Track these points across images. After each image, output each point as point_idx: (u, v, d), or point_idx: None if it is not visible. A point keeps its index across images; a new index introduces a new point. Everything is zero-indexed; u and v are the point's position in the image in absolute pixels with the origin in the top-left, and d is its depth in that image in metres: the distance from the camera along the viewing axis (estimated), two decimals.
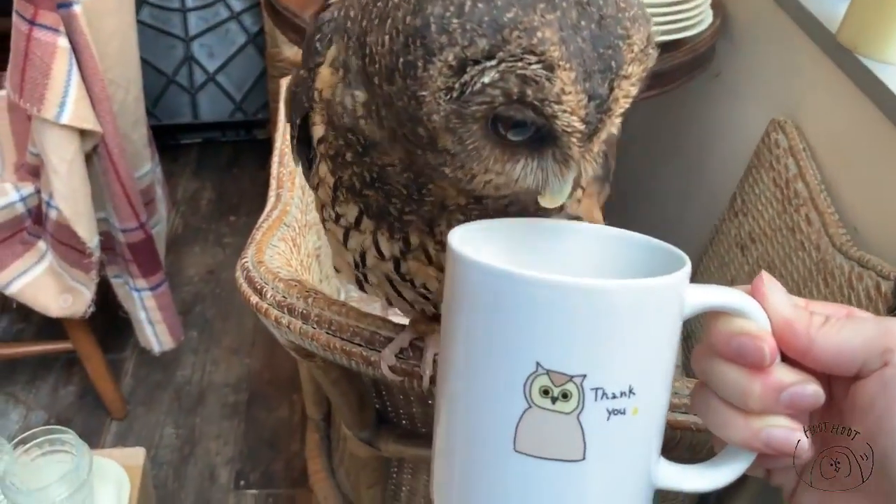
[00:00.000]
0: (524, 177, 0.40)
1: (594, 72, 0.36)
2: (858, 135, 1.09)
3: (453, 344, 0.38)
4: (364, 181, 0.47)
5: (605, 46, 0.36)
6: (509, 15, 0.35)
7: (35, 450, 1.01)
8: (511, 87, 0.36)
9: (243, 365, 1.89)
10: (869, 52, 1.04)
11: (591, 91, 0.36)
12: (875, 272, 0.93)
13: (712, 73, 1.42)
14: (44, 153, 1.29)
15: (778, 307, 0.36)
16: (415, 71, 0.37)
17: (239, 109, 2.64)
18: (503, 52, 0.35)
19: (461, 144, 0.39)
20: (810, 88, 1.20)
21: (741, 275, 1.23)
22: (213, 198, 2.48)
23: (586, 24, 0.36)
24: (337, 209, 0.50)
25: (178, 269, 2.16)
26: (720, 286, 0.38)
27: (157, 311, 1.58)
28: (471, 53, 0.36)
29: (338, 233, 0.52)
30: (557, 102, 0.36)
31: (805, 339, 0.35)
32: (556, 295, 0.34)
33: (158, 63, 2.48)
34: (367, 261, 0.51)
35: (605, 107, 0.37)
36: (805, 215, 1.09)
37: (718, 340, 0.36)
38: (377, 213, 0.48)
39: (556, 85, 0.35)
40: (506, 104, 0.37)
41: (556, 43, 0.35)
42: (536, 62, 0.35)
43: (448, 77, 0.37)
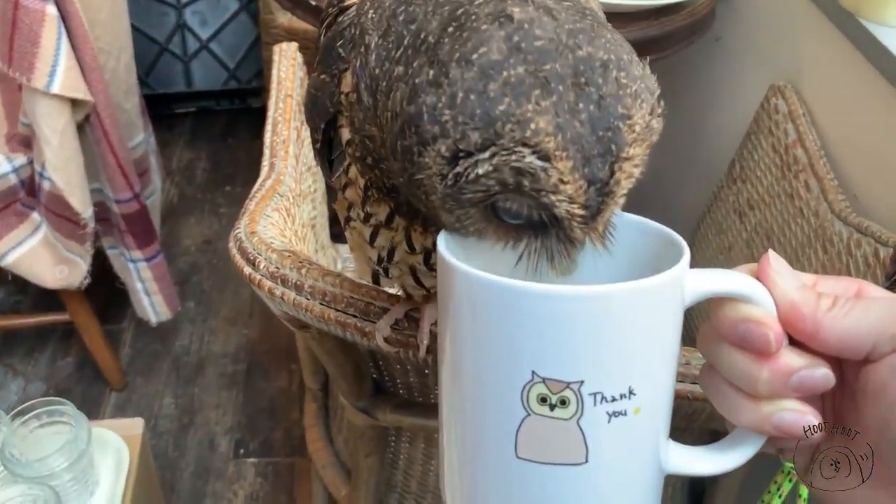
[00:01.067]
0: (528, 254, 0.39)
1: (593, 156, 0.35)
2: (859, 100, 1.08)
3: (448, 351, 0.38)
4: (387, 187, 0.46)
5: (604, 129, 0.35)
6: (501, 107, 0.34)
7: (33, 421, 1.01)
8: (505, 177, 0.35)
9: (241, 335, 1.89)
10: (870, 16, 1.02)
11: (590, 176, 0.35)
12: (874, 239, 0.92)
13: (712, 37, 1.40)
14: (35, 123, 1.28)
15: (784, 290, 0.35)
16: (411, 156, 0.37)
17: (233, 77, 2.61)
18: (496, 145, 0.34)
19: (460, 223, 0.39)
20: (811, 53, 1.19)
21: (738, 241, 1.22)
22: (208, 167, 2.46)
23: (584, 107, 0.35)
24: (367, 209, 0.49)
25: (174, 239, 2.15)
26: (722, 271, 0.36)
27: (153, 281, 1.57)
28: (463, 146, 0.35)
29: (365, 232, 0.51)
30: (555, 192, 0.35)
31: (811, 324, 0.34)
32: (547, 304, 0.34)
33: (150, 31, 2.45)
34: (396, 256, 0.51)
35: (606, 190, 0.36)
36: (804, 181, 1.08)
37: (723, 326, 0.36)
38: (409, 211, 0.47)
39: (553, 175, 0.34)
40: (502, 193, 0.36)
41: (552, 133, 0.34)
42: (531, 153, 0.34)
43: (442, 165, 0.36)
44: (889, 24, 1.01)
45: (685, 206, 1.52)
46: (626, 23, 1.19)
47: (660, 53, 1.24)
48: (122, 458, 1.08)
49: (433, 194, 0.38)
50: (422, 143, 0.36)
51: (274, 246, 0.63)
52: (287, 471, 1.59)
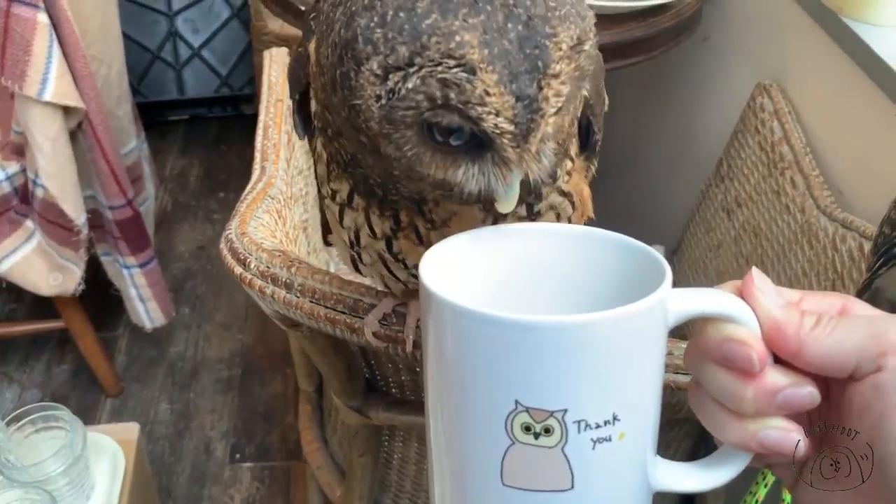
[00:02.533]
0: (466, 182, 0.41)
1: (521, 73, 0.36)
2: (843, 97, 1.09)
3: (432, 379, 0.38)
4: (345, 160, 0.47)
5: (531, 47, 0.36)
6: (428, 21, 0.36)
7: (29, 426, 1.02)
8: (433, 91, 0.36)
9: (236, 340, 1.89)
10: (853, 14, 1.04)
11: (517, 92, 0.36)
12: (858, 233, 0.94)
13: (699, 37, 1.41)
14: (28, 131, 1.29)
15: (767, 309, 0.35)
16: (349, 81, 0.39)
17: (225, 84, 2.62)
18: (422, 57, 0.36)
19: (400, 150, 0.40)
20: (796, 52, 1.20)
21: (727, 239, 1.23)
22: (201, 174, 2.47)
23: (513, 26, 0.36)
24: (331, 185, 0.51)
25: (168, 246, 2.16)
26: (705, 290, 0.36)
27: (147, 287, 1.58)
28: (392, 61, 0.37)
29: (335, 210, 0.52)
30: (481, 104, 0.36)
31: (795, 343, 0.34)
32: (528, 334, 0.34)
33: (142, 39, 2.46)
34: (361, 239, 0.52)
35: (534, 106, 0.37)
36: (790, 178, 1.09)
37: (708, 345, 0.36)
38: (364, 191, 0.48)
39: (478, 87, 0.36)
40: (431, 109, 0.37)
41: (477, 46, 0.36)
42: (456, 66, 0.36)
43: (375, 85, 0.37)
44: (871, 22, 1.02)
45: (674, 204, 1.53)
46: (612, 24, 1.21)
47: (647, 54, 1.25)
48: (118, 463, 1.09)
49: (371, 120, 0.39)
50: (357, 64, 0.38)
51: (264, 246, 0.64)
52: (283, 475, 1.60)
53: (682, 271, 1.38)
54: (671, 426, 0.81)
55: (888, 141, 0.99)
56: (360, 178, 0.47)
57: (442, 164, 0.40)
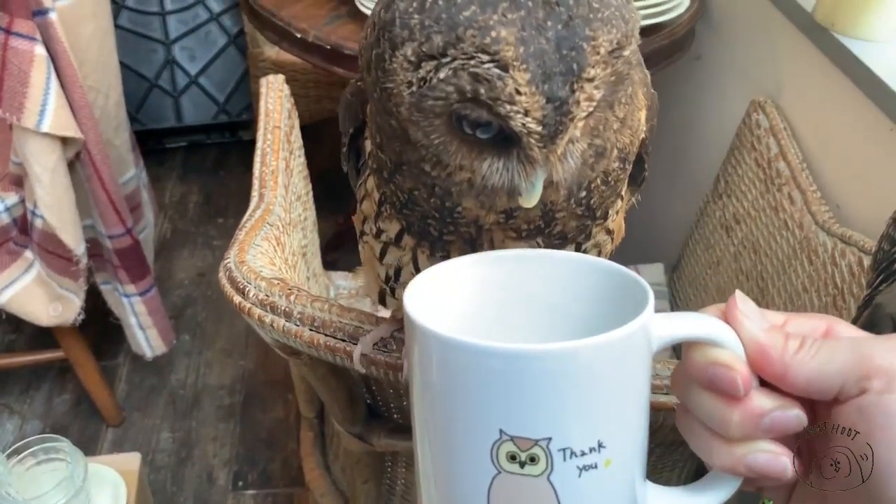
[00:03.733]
0: (490, 175, 0.40)
1: (555, 74, 0.35)
2: (837, 112, 1.10)
3: (417, 409, 0.38)
4: (401, 201, 0.46)
5: (568, 48, 0.36)
6: (466, 13, 0.35)
7: (30, 459, 1.01)
8: (464, 84, 0.36)
9: (237, 366, 1.89)
10: (845, 30, 1.04)
11: (549, 93, 0.36)
12: (857, 248, 0.94)
13: (693, 56, 1.42)
14: (26, 162, 1.29)
15: (751, 332, 0.35)
16: (383, 63, 0.38)
17: (223, 111, 2.63)
18: (456, 49, 0.35)
19: (427, 138, 0.40)
20: (789, 68, 1.21)
21: (726, 256, 1.23)
22: (200, 201, 2.47)
23: (552, 25, 0.35)
24: (380, 224, 0.50)
25: (167, 273, 2.16)
26: (689, 315, 0.36)
27: (147, 315, 1.57)
28: (427, 49, 0.36)
29: (376, 247, 0.51)
30: (511, 103, 0.36)
31: (780, 366, 0.35)
32: (510, 362, 0.33)
33: (139, 68, 2.47)
34: (402, 276, 0.51)
35: (565, 109, 0.36)
36: (787, 194, 1.10)
37: (693, 369, 0.36)
38: (419, 232, 0.47)
39: (509, 85, 0.35)
40: (460, 102, 0.37)
41: (513, 43, 0.35)
42: (489, 61, 0.35)
43: (408, 71, 0.37)
44: (864, 37, 1.03)
45: (673, 222, 1.53)
46: None
47: None
48: (120, 494, 1.08)
49: (402, 106, 0.38)
50: (392, 48, 0.37)
51: (263, 274, 0.64)
52: (286, 502, 1.58)
53: (682, 288, 1.37)
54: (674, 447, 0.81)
55: (884, 155, 0.99)
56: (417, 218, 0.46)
57: (468, 156, 0.40)
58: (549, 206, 0.44)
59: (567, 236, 0.46)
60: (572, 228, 0.46)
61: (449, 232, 0.46)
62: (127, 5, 2.35)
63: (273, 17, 1.31)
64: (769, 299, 1.10)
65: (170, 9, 2.39)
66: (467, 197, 0.43)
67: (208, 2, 2.41)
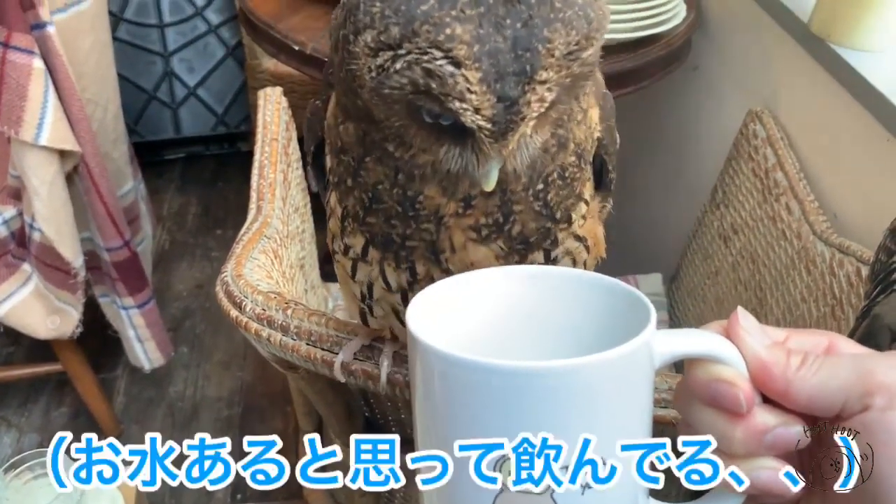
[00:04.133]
0: (447, 160, 0.41)
1: (508, 73, 0.36)
2: (834, 122, 1.10)
3: (420, 425, 0.38)
4: (364, 205, 0.47)
5: (524, 49, 0.36)
6: (424, 7, 0.36)
7: (27, 473, 1.00)
8: (417, 77, 0.36)
9: (236, 378, 1.88)
10: (841, 40, 1.05)
11: (500, 93, 0.36)
12: (855, 258, 0.94)
13: (689, 66, 1.42)
14: (24, 175, 1.29)
15: (753, 349, 0.35)
16: (348, 45, 0.39)
17: (221, 122, 2.63)
18: (411, 43, 0.36)
19: (388, 120, 0.40)
20: (786, 78, 1.21)
21: (725, 266, 1.23)
22: (198, 212, 2.47)
23: (511, 23, 0.36)
24: (345, 240, 0.50)
25: (166, 284, 2.15)
26: (691, 331, 0.36)
27: (145, 328, 1.57)
28: (384, 39, 0.37)
29: (346, 265, 0.52)
30: (461, 99, 0.36)
31: (782, 383, 0.34)
32: (514, 380, 0.33)
33: (138, 80, 2.48)
34: (374, 292, 0.51)
35: (515, 108, 0.37)
36: (785, 204, 1.10)
37: (695, 386, 0.36)
38: (382, 242, 0.48)
39: (460, 82, 0.36)
40: (414, 93, 0.37)
41: (467, 41, 0.35)
42: (442, 58, 0.36)
43: (368, 57, 0.38)
44: (859, 47, 1.03)
45: (671, 232, 1.53)
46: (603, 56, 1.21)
47: (638, 84, 1.26)
48: None
49: (363, 88, 0.39)
50: (355, 32, 0.38)
51: (260, 288, 0.64)
52: None
53: (680, 299, 1.37)
54: None
55: (881, 165, 0.99)
56: (378, 229, 0.47)
57: (427, 140, 0.41)
58: (508, 195, 0.44)
59: (529, 240, 0.46)
60: (532, 230, 0.46)
61: (411, 235, 0.46)
62: (125, 18, 2.36)
63: (271, 29, 1.32)
64: (768, 309, 1.10)
65: (168, 21, 2.40)
66: (430, 182, 0.43)
67: (207, 14, 2.42)
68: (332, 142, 0.47)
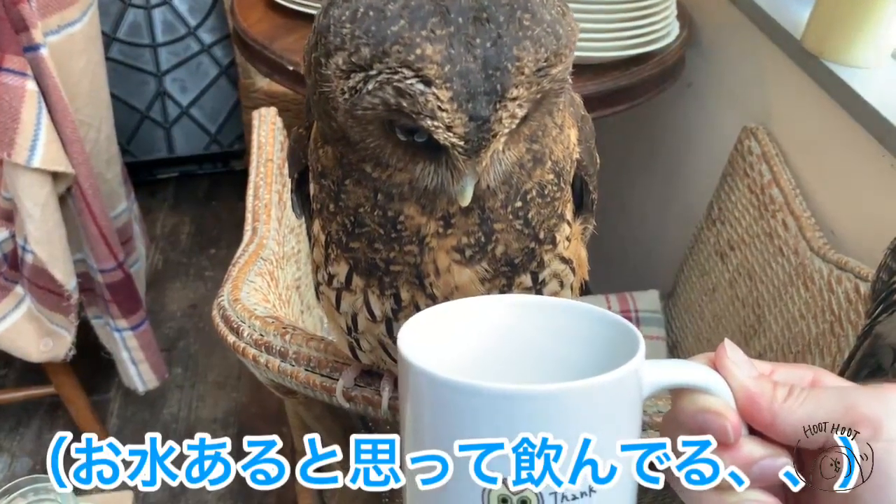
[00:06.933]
0: (423, 177, 0.41)
1: (479, 93, 0.36)
2: (828, 138, 1.10)
3: (409, 448, 0.37)
4: (347, 230, 0.47)
5: (494, 68, 0.36)
6: (394, 28, 0.36)
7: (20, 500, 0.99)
8: (388, 97, 0.37)
9: (230, 399, 1.87)
10: (834, 57, 1.05)
11: (472, 112, 0.37)
12: (853, 274, 0.94)
13: (683, 83, 1.43)
14: (17, 197, 1.28)
15: (741, 380, 0.36)
16: (320, 68, 0.39)
17: (215, 142, 2.63)
18: (382, 63, 0.36)
19: (364, 141, 0.41)
20: (780, 95, 1.22)
21: (722, 282, 1.23)
22: (192, 231, 2.46)
23: (481, 42, 0.36)
24: (329, 269, 0.50)
25: (160, 305, 2.14)
26: (679, 362, 0.37)
27: (139, 350, 1.56)
28: (356, 60, 0.37)
29: (331, 296, 0.51)
30: (432, 118, 0.37)
31: (768, 414, 0.35)
32: (501, 403, 0.33)
33: (131, 99, 2.47)
34: (359, 324, 0.51)
35: (486, 126, 0.37)
36: (782, 220, 1.10)
37: (683, 416, 0.36)
38: (366, 268, 0.47)
39: (431, 101, 0.36)
40: (387, 112, 0.37)
41: (438, 61, 0.36)
42: (413, 77, 0.36)
43: (340, 79, 0.38)
44: (852, 64, 1.04)
45: (667, 249, 1.53)
46: (597, 74, 1.22)
47: (632, 102, 1.26)
48: None
49: (337, 111, 0.39)
50: (326, 55, 0.38)
51: (257, 313, 0.63)
52: None
53: (677, 315, 1.37)
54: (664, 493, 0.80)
55: (876, 180, 0.99)
56: (361, 255, 0.46)
57: (402, 158, 0.41)
58: (487, 213, 0.44)
59: (514, 262, 0.46)
60: (516, 251, 0.46)
61: (395, 259, 0.46)
62: (118, 38, 2.36)
63: (265, 49, 1.31)
64: (766, 326, 1.09)
65: (161, 41, 2.40)
66: (409, 201, 0.43)
67: (200, 34, 2.42)
68: (313, 167, 0.47)
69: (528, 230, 0.46)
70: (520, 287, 0.47)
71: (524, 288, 0.48)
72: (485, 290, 0.46)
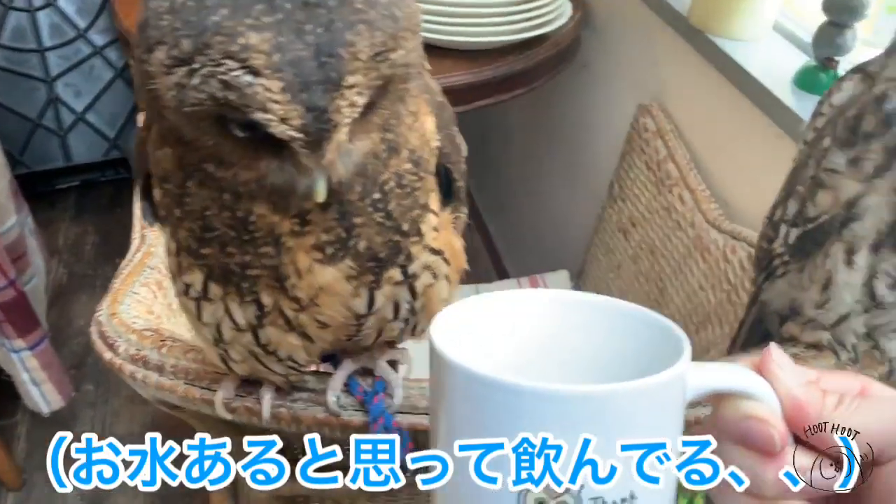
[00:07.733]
0: (269, 174, 0.39)
1: (313, 82, 0.34)
2: (719, 111, 1.12)
3: (442, 447, 0.35)
4: (196, 236, 0.44)
5: (327, 55, 0.34)
6: (215, 18, 0.34)
7: None
8: (214, 91, 0.34)
9: (146, 412, 1.80)
10: (717, 31, 1.07)
11: (307, 102, 0.34)
12: (747, 243, 0.96)
13: (579, 64, 1.44)
14: None
15: (788, 386, 0.33)
16: (143, 65, 0.36)
17: (115, 147, 2.53)
18: (204, 55, 0.34)
19: (201, 140, 0.38)
20: (672, 71, 1.24)
21: (626, 259, 1.25)
22: (97, 241, 2.37)
23: (312, 28, 0.34)
24: (184, 279, 0.47)
25: (66, 320, 2.05)
26: (724, 364, 0.35)
27: (40, 370, 1.49)
28: (177, 54, 0.34)
29: (190, 306, 0.49)
30: (264, 110, 0.34)
31: (817, 423, 0.33)
32: (543, 404, 0.32)
33: (20, 108, 2.35)
34: (225, 333, 0.48)
35: (325, 117, 0.35)
36: (678, 195, 1.12)
37: (726, 423, 0.34)
38: (222, 274, 0.45)
39: (260, 93, 0.34)
40: (216, 107, 0.35)
41: (265, 50, 0.34)
42: (239, 68, 0.34)
43: (164, 75, 0.35)
44: (735, 37, 1.06)
45: (574, 229, 1.55)
46: (492, 59, 1.21)
47: (529, 86, 1.26)
48: None
49: (167, 108, 0.37)
50: (148, 50, 0.35)
51: (136, 326, 0.60)
52: None
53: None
54: None
55: (764, 150, 1.02)
56: (214, 260, 0.44)
57: (244, 155, 0.39)
58: (345, 206, 0.42)
59: (380, 256, 0.45)
60: (380, 245, 0.44)
61: (250, 262, 0.44)
62: (1, 43, 2.24)
63: None
64: (668, 299, 1.12)
65: (48, 45, 2.29)
66: (258, 199, 0.41)
67: (90, 36, 2.31)
68: (154, 171, 0.45)
69: (391, 222, 0.44)
70: (390, 282, 0.46)
71: (395, 283, 0.46)
72: (352, 287, 0.45)
